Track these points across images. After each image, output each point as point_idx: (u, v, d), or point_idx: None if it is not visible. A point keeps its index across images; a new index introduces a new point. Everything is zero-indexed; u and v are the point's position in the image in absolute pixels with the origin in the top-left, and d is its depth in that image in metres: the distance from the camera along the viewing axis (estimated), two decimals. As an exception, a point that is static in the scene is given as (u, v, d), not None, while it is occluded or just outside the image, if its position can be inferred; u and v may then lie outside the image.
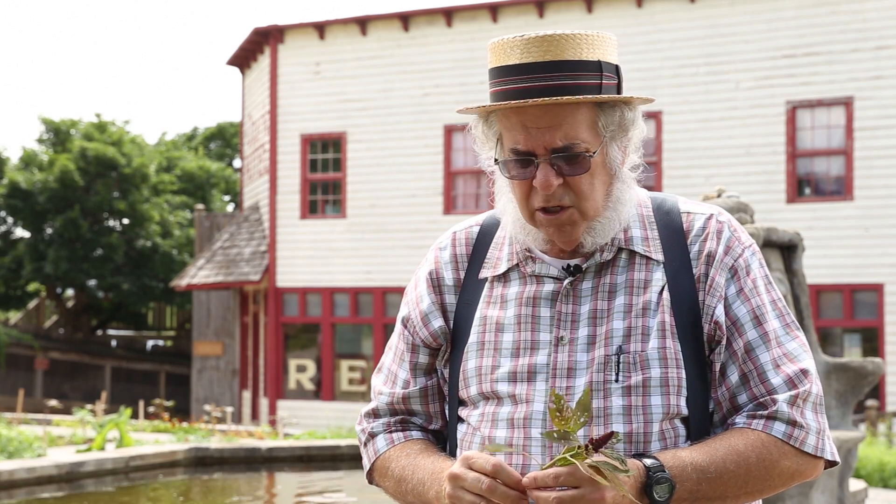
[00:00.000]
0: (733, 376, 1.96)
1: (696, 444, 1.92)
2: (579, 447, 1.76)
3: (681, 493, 1.85)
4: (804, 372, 1.96)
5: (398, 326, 2.15)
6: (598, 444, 1.76)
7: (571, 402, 1.92)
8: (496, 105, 1.95)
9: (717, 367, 1.97)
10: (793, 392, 1.94)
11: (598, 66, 1.95)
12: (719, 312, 1.97)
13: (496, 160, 2.00)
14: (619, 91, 1.98)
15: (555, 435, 1.78)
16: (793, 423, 1.93)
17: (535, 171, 1.95)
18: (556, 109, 1.93)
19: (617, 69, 1.98)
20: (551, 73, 1.92)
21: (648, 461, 1.85)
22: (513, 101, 1.93)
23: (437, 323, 2.09)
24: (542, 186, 1.93)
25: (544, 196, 1.95)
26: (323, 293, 21.43)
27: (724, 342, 1.97)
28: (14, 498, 8.69)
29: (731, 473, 1.89)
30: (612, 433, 1.78)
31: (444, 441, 2.12)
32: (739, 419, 1.95)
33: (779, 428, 1.93)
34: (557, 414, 1.78)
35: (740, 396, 1.96)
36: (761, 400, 1.95)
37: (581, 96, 1.92)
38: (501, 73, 1.97)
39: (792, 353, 1.98)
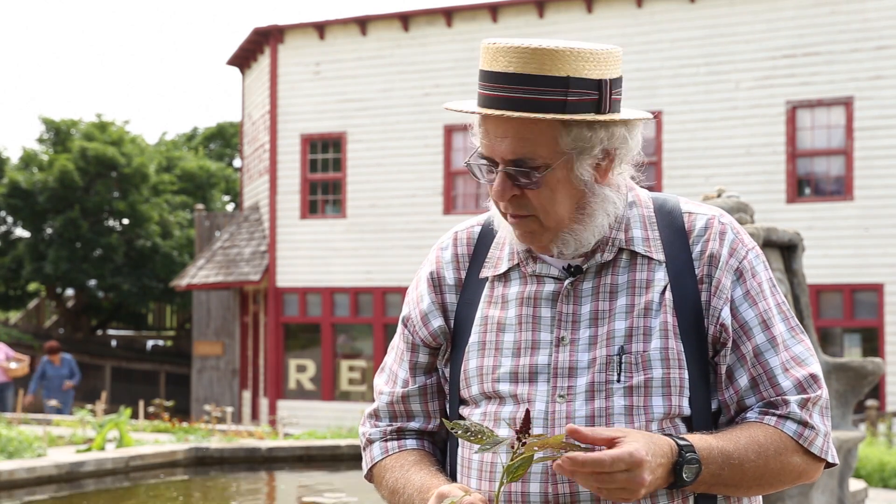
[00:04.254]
0: (742, 380, 1.98)
1: (717, 432, 1.94)
2: (520, 443, 1.76)
3: (704, 476, 1.88)
4: (814, 377, 1.99)
5: (399, 326, 2.17)
6: (524, 429, 1.77)
7: (573, 403, 1.94)
8: (459, 109, 1.98)
9: (724, 369, 1.98)
10: (804, 396, 1.97)
11: (564, 83, 1.90)
12: (725, 315, 1.97)
13: (466, 162, 2.03)
14: (599, 106, 1.92)
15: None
16: (804, 424, 1.96)
17: (495, 177, 1.97)
18: (512, 122, 1.92)
19: (600, 84, 1.92)
20: (514, 86, 1.92)
21: (681, 441, 1.86)
22: (472, 108, 1.96)
23: (437, 322, 2.10)
24: (496, 195, 1.96)
25: (504, 204, 1.98)
26: (323, 293, 21.43)
27: (729, 345, 1.98)
28: (14, 498, 8.68)
29: (752, 463, 1.92)
30: (528, 412, 1.79)
31: (442, 442, 2.14)
32: (751, 414, 1.98)
33: (790, 427, 1.96)
34: (467, 434, 1.82)
35: (748, 399, 1.98)
36: (772, 400, 1.97)
37: (532, 114, 1.90)
38: (481, 77, 1.99)
39: (799, 357, 2.00)
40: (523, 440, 1.76)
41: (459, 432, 1.81)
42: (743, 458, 1.90)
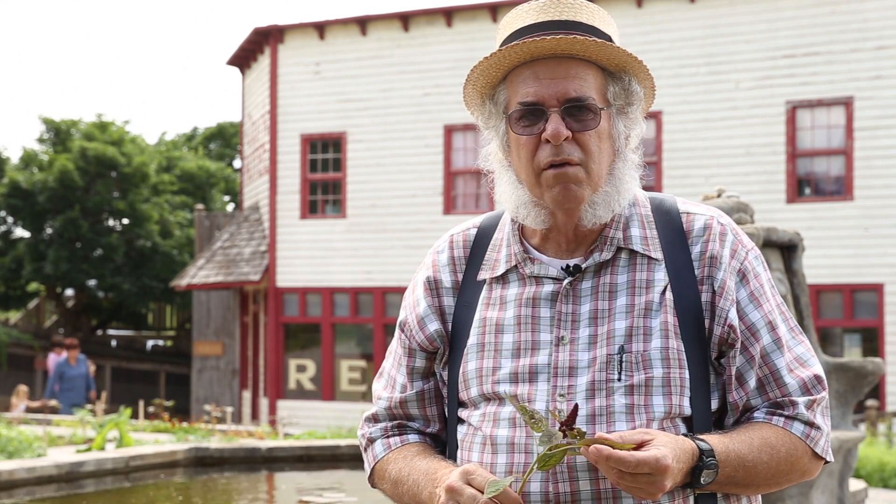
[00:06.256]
0: (751, 381, 1.99)
1: (730, 431, 1.95)
2: (563, 432, 1.77)
3: (720, 478, 1.89)
4: (818, 378, 2.02)
5: (397, 331, 2.16)
6: (569, 422, 1.77)
7: (573, 400, 1.93)
8: (511, 45, 1.97)
9: (733, 371, 1.99)
10: (810, 398, 1.99)
11: (609, 39, 2.02)
12: (733, 316, 1.98)
13: (507, 114, 2.01)
14: None
15: (533, 418, 1.80)
16: (810, 425, 1.99)
17: (544, 124, 1.96)
18: (569, 63, 1.97)
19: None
20: (567, 30, 1.98)
21: (703, 445, 1.87)
22: (527, 37, 1.97)
23: (433, 326, 2.09)
24: (553, 136, 1.94)
25: (553, 149, 1.95)
26: (323, 293, 21.43)
27: (738, 346, 1.98)
28: (14, 498, 8.68)
29: (765, 465, 1.94)
30: (576, 406, 1.79)
31: (442, 444, 2.13)
32: (758, 414, 1.99)
33: (798, 427, 1.98)
34: (531, 420, 1.80)
35: (755, 400, 1.99)
36: (778, 401, 1.99)
37: (598, 39, 1.96)
38: (514, 36, 2.01)
39: (802, 358, 2.02)
40: (565, 433, 1.77)
41: (526, 418, 1.81)
42: (756, 460, 1.92)
